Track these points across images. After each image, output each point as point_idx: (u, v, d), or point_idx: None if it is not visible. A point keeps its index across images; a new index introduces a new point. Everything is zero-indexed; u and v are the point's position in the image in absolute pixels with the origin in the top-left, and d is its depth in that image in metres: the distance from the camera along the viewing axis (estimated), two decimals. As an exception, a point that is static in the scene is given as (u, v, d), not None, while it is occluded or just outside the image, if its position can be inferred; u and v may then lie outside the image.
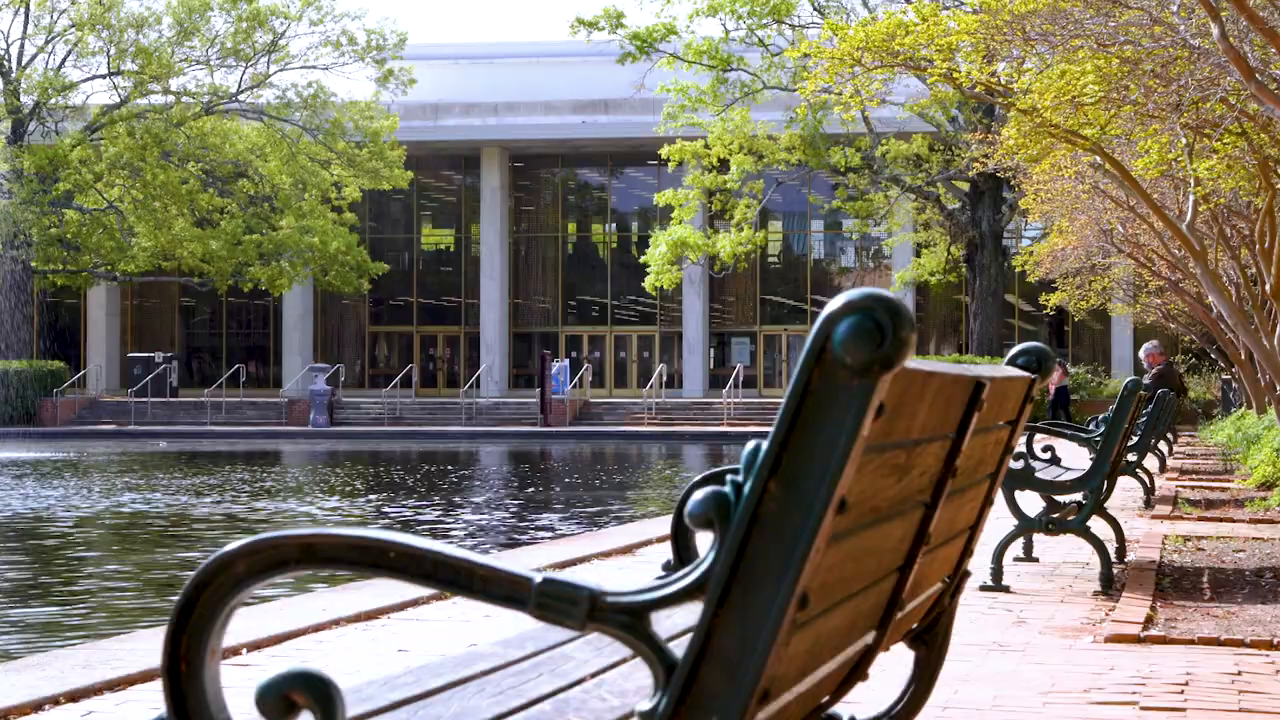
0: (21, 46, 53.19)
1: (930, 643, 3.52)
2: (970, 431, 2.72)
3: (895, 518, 2.45)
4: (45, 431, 47.56)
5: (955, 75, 15.96)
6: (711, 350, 59.93)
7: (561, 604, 1.88)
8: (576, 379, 53.22)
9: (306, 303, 60.71)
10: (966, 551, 3.53)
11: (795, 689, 2.18)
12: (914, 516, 2.63)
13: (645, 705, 1.87)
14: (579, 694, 2.60)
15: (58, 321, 62.97)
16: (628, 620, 1.87)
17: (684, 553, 3.85)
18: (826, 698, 2.68)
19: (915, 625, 3.40)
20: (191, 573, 1.99)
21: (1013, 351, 3.55)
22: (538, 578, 1.89)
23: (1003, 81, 16.61)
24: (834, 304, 1.85)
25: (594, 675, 2.74)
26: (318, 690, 1.88)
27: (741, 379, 53.41)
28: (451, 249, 63.56)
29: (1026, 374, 3.41)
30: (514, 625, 7.79)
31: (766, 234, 56.18)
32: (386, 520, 18.41)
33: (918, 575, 2.86)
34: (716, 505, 1.87)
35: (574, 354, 59.20)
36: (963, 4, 37.87)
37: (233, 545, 1.95)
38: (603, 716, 2.43)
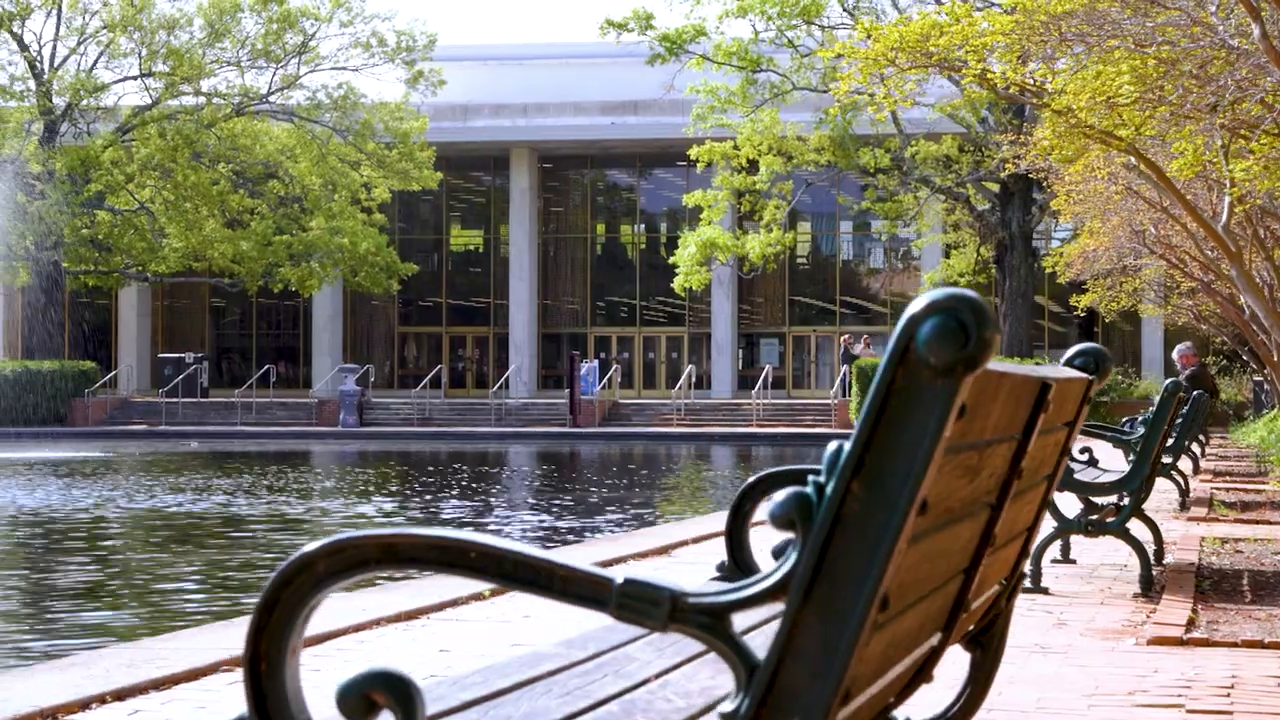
0: (54, 48, 53.42)
1: (986, 645, 3.51)
2: (1036, 433, 2.71)
3: (965, 519, 2.44)
4: (77, 432, 47.76)
5: (989, 76, 15.93)
6: (740, 351, 59.90)
7: (643, 605, 1.88)
8: (605, 380, 53.24)
9: (336, 303, 60.86)
10: (1023, 553, 3.52)
11: (869, 690, 2.17)
12: (981, 518, 2.63)
13: (728, 706, 1.86)
14: (644, 695, 2.60)
15: (89, 322, 63.24)
16: (709, 621, 1.87)
17: (738, 553, 3.85)
18: (892, 699, 2.67)
19: (972, 627, 3.40)
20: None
21: (1070, 352, 3.54)
22: (619, 578, 1.89)
23: (1037, 82, 16.55)
24: (917, 304, 1.85)
25: (658, 676, 2.74)
26: (398, 690, 1.88)
27: (770, 380, 53.36)
28: (480, 250, 63.65)
29: (1084, 375, 3.40)
30: (554, 627, 7.79)
31: (795, 235, 56.16)
32: (422, 520, 18.44)
33: (980, 577, 2.86)
34: (799, 506, 1.87)
35: (602, 355, 59.22)
36: (994, 4, 37.81)
37: (313, 545, 1.95)
38: (669, 717, 2.43)
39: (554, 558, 1.90)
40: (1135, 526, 9.29)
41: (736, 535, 3.76)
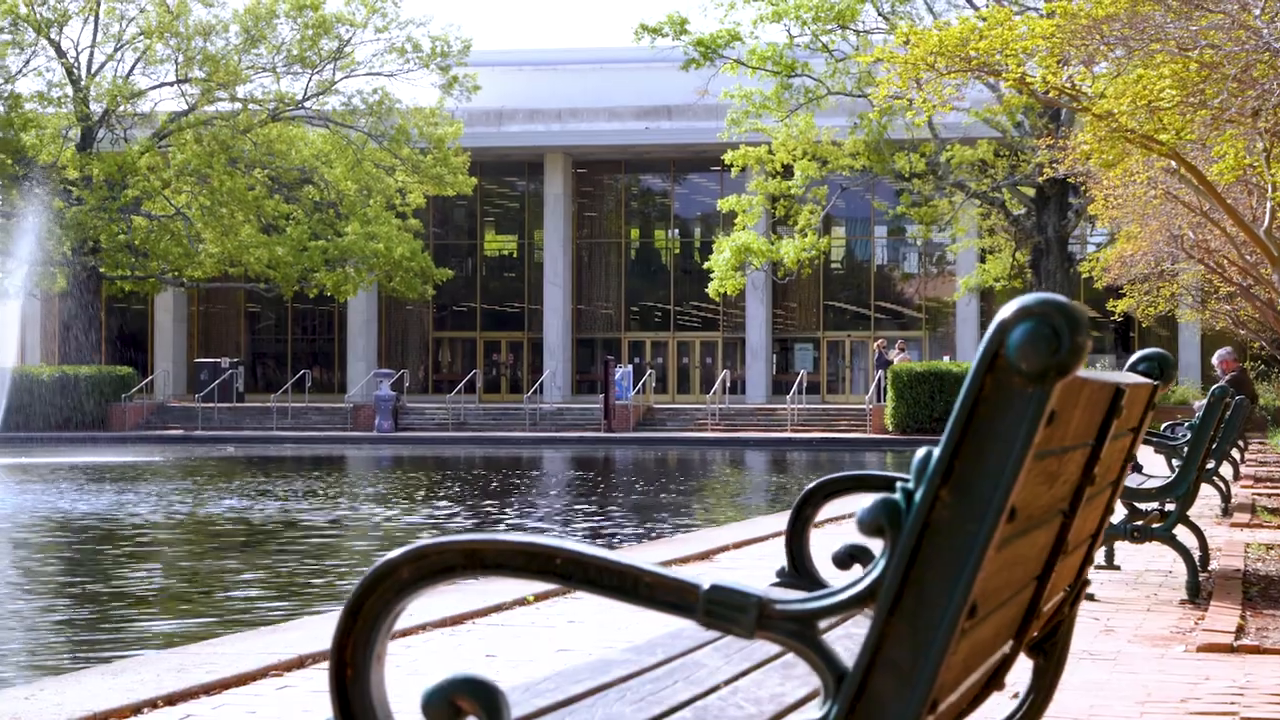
0: (91, 54, 53.71)
1: (1049, 652, 3.49)
2: (1109, 439, 2.70)
3: (1041, 526, 2.43)
4: (114, 436, 47.97)
5: (1029, 81, 15.87)
6: (774, 356, 59.82)
7: (730, 611, 1.87)
8: (640, 385, 53.23)
9: (371, 308, 60.99)
10: (1087, 560, 3.50)
11: (949, 699, 2.16)
12: (1055, 524, 2.61)
13: (815, 713, 1.85)
14: (716, 701, 2.60)
15: (125, 327, 63.54)
16: (796, 628, 1.86)
17: (798, 559, 3.84)
18: (964, 707, 2.66)
19: (1035, 634, 3.38)
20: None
21: (1134, 358, 3.52)
22: (705, 584, 1.88)
23: (1076, 86, 16.49)
24: (1007, 310, 1.84)
25: (728, 682, 2.73)
26: (484, 696, 1.88)
27: (805, 385, 53.27)
28: (515, 255, 63.72)
29: (1149, 380, 3.38)
30: (598, 632, 7.79)
31: (830, 240, 56.03)
32: (452, 523, 18.45)
33: (1050, 584, 2.84)
34: (887, 512, 1.86)
35: (637, 360, 59.21)
36: (1030, 9, 37.68)
37: (396, 552, 1.95)
38: (741, 724, 2.42)
39: (641, 565, 1.89)
40: (1180, 532, 9.23)
41: (797, 540, 3.75)
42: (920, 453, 1.87)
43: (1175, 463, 12.39)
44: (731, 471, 33.14)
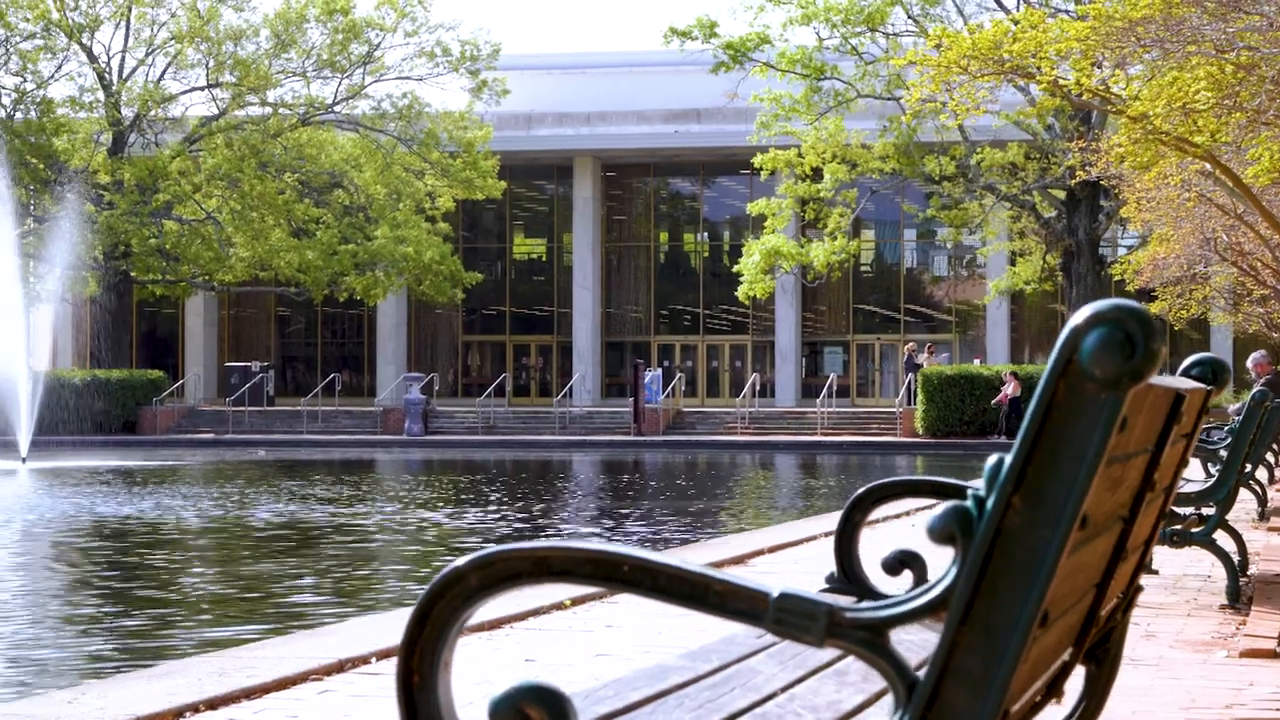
0: (122, 60, 53.94)
1: (1102, 659, 3.47)
2: (1168, 445, 2.68)
3: (1104, 532, 2.41)
4: (145, 440, 48.16)
5: (1063, 84, 15.81)
6: (804, 359, 59.75)
7: (800, 619, 1.86)
8: (669, 388, 53.20)
9: (400, 312, 61.10)
10: (1140, 566, 3.48)
11: (1013, 707, 2.15)
12: (1115, 531, 2.59)
13: (887, 722, 1.84)
14: (774, 709, 2.59)
15: (156, 331, 63.78)
16: (867, 636, 1.85)
17: (848, 564, 3.82)
18: (1024, 716, 2.64)
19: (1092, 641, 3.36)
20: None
21: (1187, 362, 3.50)
22: (775, 592, 1.87)
23: (1111, 89, 16.43)
24: (1080, 315, 1.83)
25: (784, 689, 2.72)
26: (552, 704, 1.87)
27: (835, 388, 53.19)
28: (544, 258, 63.77)
29: (1202, 385, 3.35)
30: (636, 636, 7.78)
31: (859, 243, 55.99)
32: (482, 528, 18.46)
33: (1109, 591, 2.82)
34: (959, 520, 1.85)
35: (666, 363, 59.20)
36: (1061, 11, 37.57)
37: (464, 559, 1.94)
38: (800, 731, 2.41)
39: (711, 573, 1.88)
40: (1219, 537, 9.18)
41: (846, 546, 3.73)
42: (992, 459, 1.86)
43: (1212, 467, 12.33)
44: (762, 475, 33.10)
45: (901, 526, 13.49)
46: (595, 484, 29.95)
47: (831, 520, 14.88)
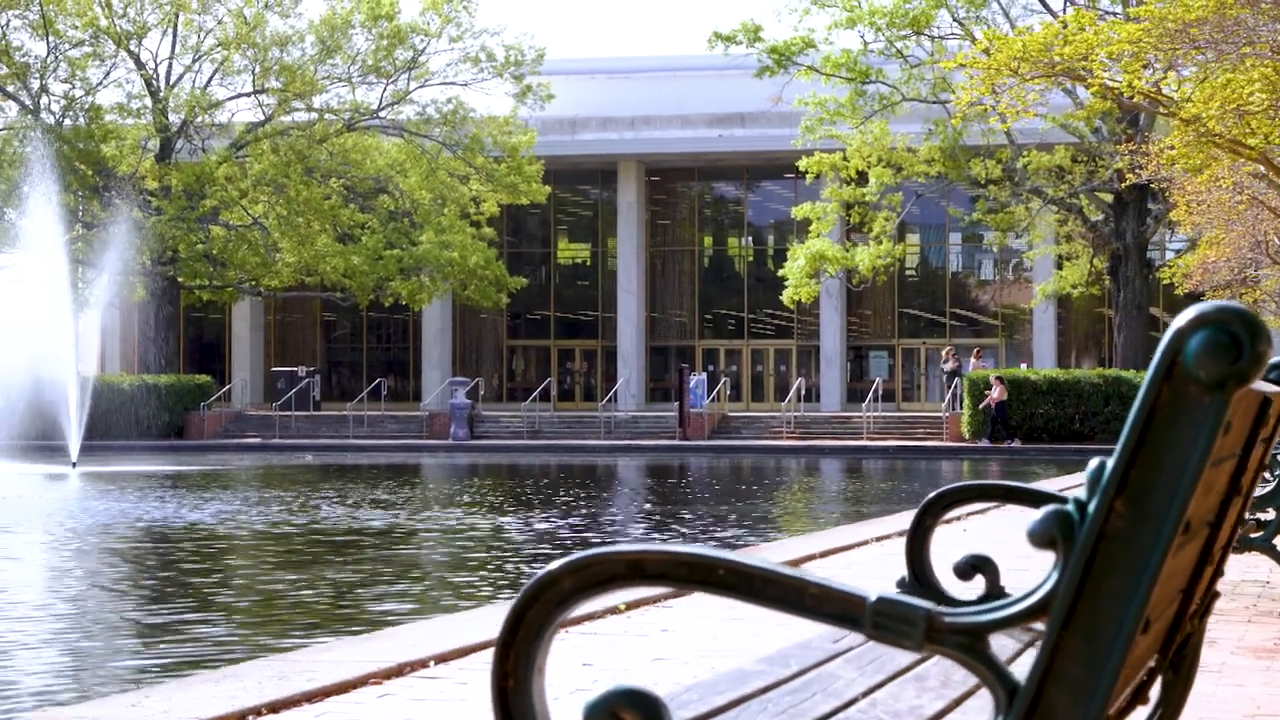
0: (169, 66, 54.25)
1: (1178, 666, 3.44)
2: (1256, 449, 2.65)
3: (1194, 538, 2.39)
4: (194, 445, 48.42)
5: (1114, 86, 15.73)
6: (849, 364, 59.61)
7: (898, 624, 1.84)
8: (714, 393, 53.15)
9: (445, 317, 61.23)
10: (1218, 572, 3.45)
11: (1110, 712, 2.12)
12: (1202, 536, 2.57)
13: (987, 728, 1.82)
14: (857, 714, 2.57)
15: (203, 336, 64.13)
16: (967, 641, 1.83)
17: (919, 569, 3.80)
18: (1109, 721, 2.62)
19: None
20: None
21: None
22: (872, 596, 1.85)
23: (1163, 91, 16.33)
24: (1184, 317, 1.80)
25: (865, 694, 2.70)
26: (648, 708, 1.86)
27: (880, 393, 53.03)
28: (588, 263, 63.83)
29: (1281, 389, 3.32)
30: (691, 640, 7.76)
31: (905, 247, 55.84)
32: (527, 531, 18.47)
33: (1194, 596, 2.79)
34: (1060, 523, 1.83)
35: (710, 368, 59.13)
36: (1108, 13, 37.37)
37: (558, 563, 1.94)
38: (884, 737, 2.39)
39: (806, 576, 1.87)
40: (1279, 542, 9.10)
41: (917, 550, 3.71)
42: (1094, 463, 1.84)
43: (1268, 472, 12.22)
44: (809, 480, 33.03)
45: (953, 532, 13.43)
46: (641, 489, 29.95)
47: (881, 525, 14.82)
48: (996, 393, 44.38)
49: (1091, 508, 1.81)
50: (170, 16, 53.34)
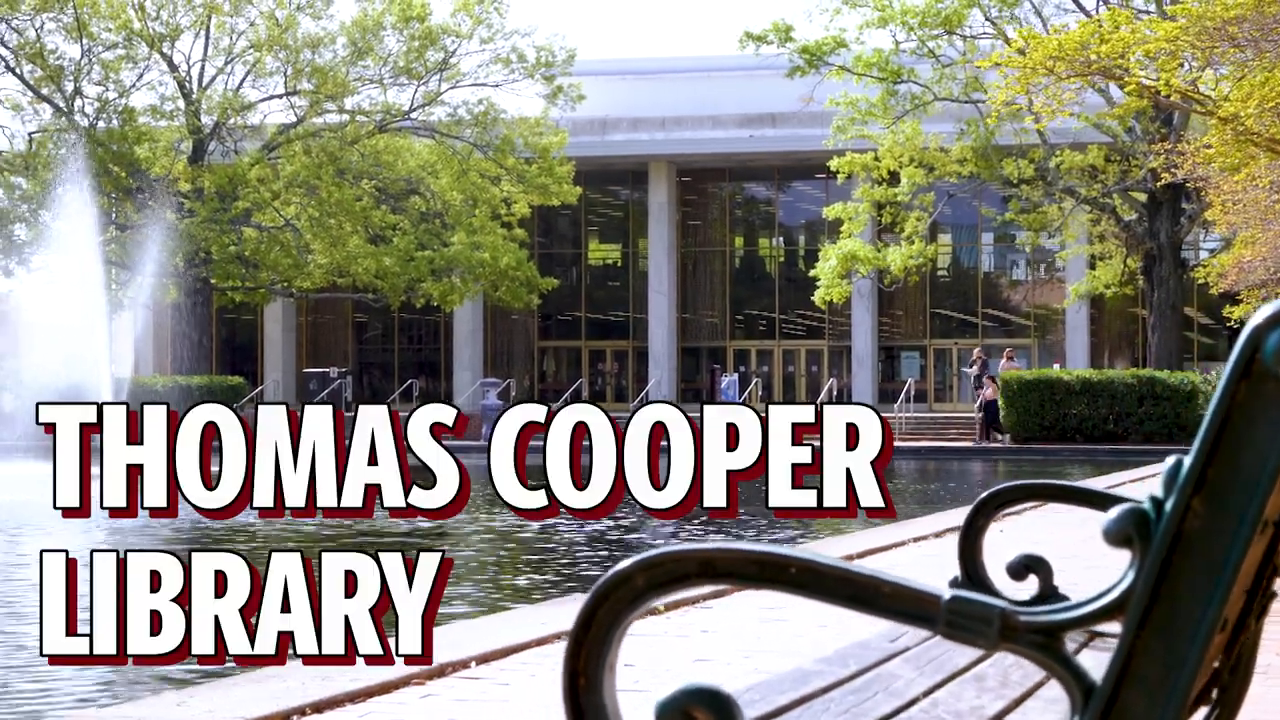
0: (202, 68, 54.45)
1: (1234, 667, 3.41)
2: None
3: (1264, 537, 2.37)
4: (225, 445, 48.51)
5: (1150, 84, 15.67)
6: (880, 364, 59.51)
7: (973, 623, 1.83)
8: (745, 393, 53.12)
9: (476, 318, 61.32)
10: (1276, 572, 3.42)
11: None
12: (1267, 535, 2.55)
13: (1064, 728, 1.81)
14: (919, 714, 2.56)
15: (235, 337, 64.37)
16: (1042, 640, 1.82)
17: (972, 569, 3.79)
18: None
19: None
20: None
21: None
22: (947, 594, 1.85)
23: (1200, 90, 16.26)
24: (1261, 314, 1.79)
25: (926, 694, 2.70)
26: (720, 707, 1.85)
27: (912, 393, 52.93)
28: (619, 264, 63.86)
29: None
30: (732, 641, 7.76)
31: (937, 247, 55.72)
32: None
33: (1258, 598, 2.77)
34: (1136, 522, 1.81)
35: (742, 368, 59.11)
36: (1144, 12, 37.24)
37: (630, 560, 1.93)
38: (947, 737, 2.38)
39: (880, 575, 1.86)
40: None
41: (970, 550, 3.70)
42: (1170, 461, 1.83)
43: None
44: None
45: (989, 532, 13.38)
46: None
47: (917, 526, 14.79)
48: (989, 391, 44.54)
49: (1169, 506, 1.80)
50: (203, 19, 53.54)
